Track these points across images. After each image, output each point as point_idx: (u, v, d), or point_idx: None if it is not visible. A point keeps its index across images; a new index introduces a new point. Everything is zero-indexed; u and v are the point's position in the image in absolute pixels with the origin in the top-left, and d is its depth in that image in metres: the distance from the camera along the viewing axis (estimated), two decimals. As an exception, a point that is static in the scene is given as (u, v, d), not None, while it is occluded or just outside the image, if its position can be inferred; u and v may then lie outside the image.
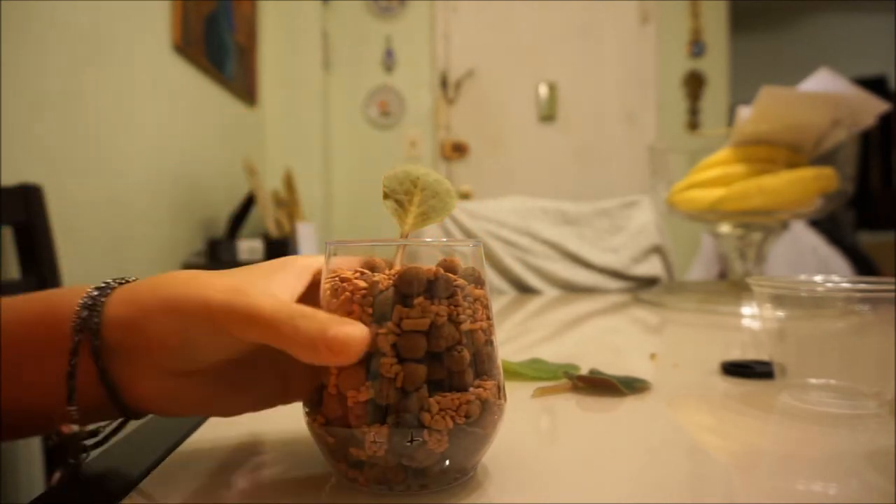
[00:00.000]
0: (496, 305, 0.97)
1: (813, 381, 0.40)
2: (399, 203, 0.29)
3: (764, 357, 0.46)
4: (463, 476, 0.27)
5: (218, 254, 1.82)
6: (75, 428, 0.27)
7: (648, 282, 1.16)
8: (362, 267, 0.27)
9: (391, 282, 0.26)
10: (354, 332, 0.23)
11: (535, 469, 0.30)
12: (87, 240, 1.32)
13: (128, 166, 1.51)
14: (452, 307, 0.26)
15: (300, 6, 2.66)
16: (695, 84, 2.88)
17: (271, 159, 2.61)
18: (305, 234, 2.00)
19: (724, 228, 0.93)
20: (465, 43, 2.90)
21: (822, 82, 0.86)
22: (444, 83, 2.89)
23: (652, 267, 1.16)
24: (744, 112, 0.92)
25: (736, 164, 0.88)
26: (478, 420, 0.26)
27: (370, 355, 0.25)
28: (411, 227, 0.29)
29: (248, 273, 0.28)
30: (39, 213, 0.97)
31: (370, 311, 0.26)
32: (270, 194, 2.13)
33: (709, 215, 0.91)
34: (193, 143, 1.91)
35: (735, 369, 0.47)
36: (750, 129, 0.88)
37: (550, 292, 1.12)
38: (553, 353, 0.54)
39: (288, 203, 2.15)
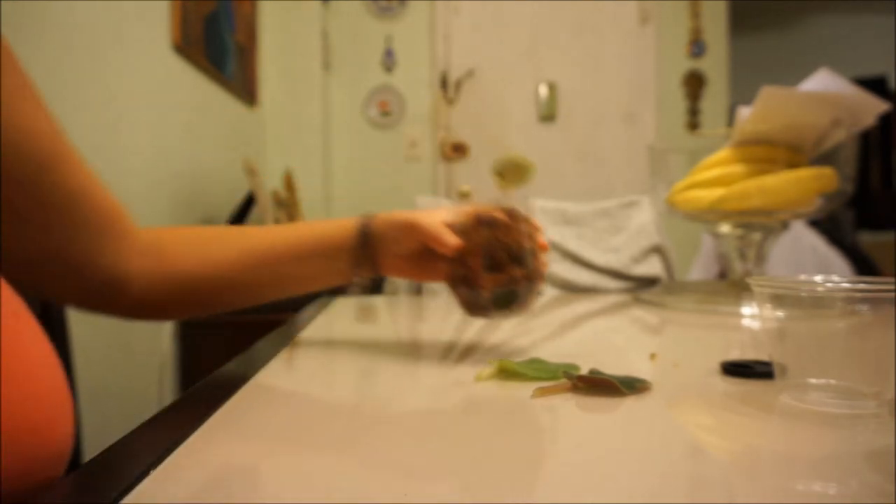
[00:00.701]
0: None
1: (813, 381, 0.40)
2: (500, 175, 0.65)
3: (764, 357, 0.46)
4: (513, 315, 0.53)
5: (218, 254, 1.81)
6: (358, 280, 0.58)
7: (648, 282, 1.16)
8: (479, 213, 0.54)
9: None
10: (453, 239, 0.53)
11: (534, 469, 0.30)
12: (87, 240, 1.32)
13: (127, 166, 1.51)
14: (497, 230, 0.52)
15: (300, 6, 2.66)
16: (695, 84, 2.88)
17: (271, 159, 2.61)
18: (305, 234, 2.00)
19: (724, 228, 0.93)
20: (465, 43, 2.90)
21: (822, 82, 0.86)
22: (444, 83, 2.89)
23: (652, 267, 1.16)
24: (744, 112, 0.92)
25: (736, 164, 0.88)
26: (509, 286, 0.51)
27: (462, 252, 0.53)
28: (505, 189, 0.64)
29: (423, 210, 0.56)
30: (39, 213, 0.97)
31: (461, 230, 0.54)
32: (270, 194, 2.13)
33: (709, 215, 0.91)
34: (193, 143, 1.91)
35: (735, 369, 0.47)
36: (750, 129, 0.88)
37: (550, 292, 1.12)
38: (553, 353, 0.54)
39: (288, 203, 2.15)
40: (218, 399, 0.41)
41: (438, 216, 0.55)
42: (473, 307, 0.53)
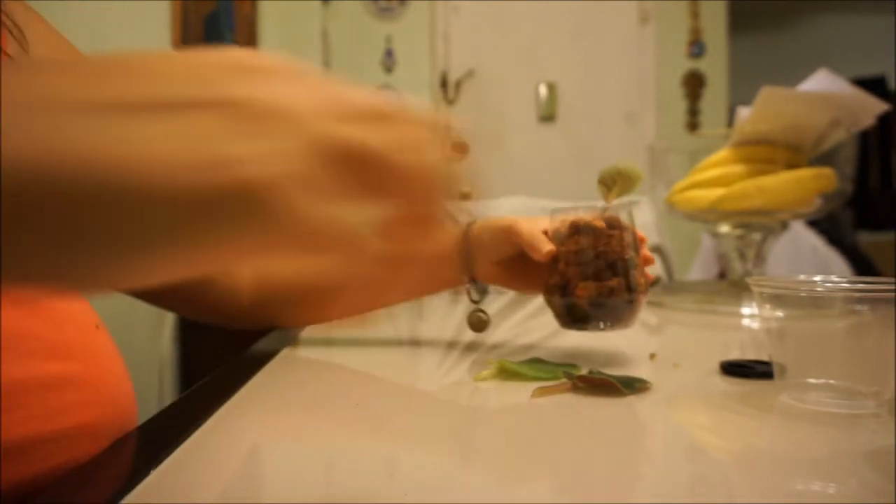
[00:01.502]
0: (497, 304, 0.97)
1: (813, 381, 0.40)
2: (605, 185, 0.53)
3: (764, 357, 0.46)
4: (612, 328, 0.50)
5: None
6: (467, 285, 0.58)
7: (648, 282, 1.16)
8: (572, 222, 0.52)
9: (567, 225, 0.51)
10: (547, 246, 0.51)
11: (534, 469, 0.30)
12: (87, 240, 1.32)
13: (128, 166, 1.51)
14: (594, 239, 0.50)
15: (300, 6, 2.66)
16: (695, 84, 2.88)
17: (271, 159, 2.61)
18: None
19: (724, 228, 0.93)
20: (465, 43, 2.90)
21: (822, 83, 0.86)
22: (444, 83, 2.89)
23: (651, 267, 1.16)
24: (744, 112, 0.92)
25: (736, 164, 0.88)
26: (605, 296, 0.48)
27: (557, 260, 0.50)
28: (611, 199, 0.53)
29: (524, 217, 0.55)
30: (39, 213, 0.97)
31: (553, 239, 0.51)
32: (270, 194, 2.12)
33: (709, 215, 0.91)
34: (193, 143, 1.91)
35: (735, 369, 0.47)
36: (750, 129, 0.88)
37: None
38: (553, 353, 0.54)
39: (288, 203, 2.15)
40: (218, 399, 0.41)
41: (538, 223, 0.54)
42: (568, 318, 0.51)
